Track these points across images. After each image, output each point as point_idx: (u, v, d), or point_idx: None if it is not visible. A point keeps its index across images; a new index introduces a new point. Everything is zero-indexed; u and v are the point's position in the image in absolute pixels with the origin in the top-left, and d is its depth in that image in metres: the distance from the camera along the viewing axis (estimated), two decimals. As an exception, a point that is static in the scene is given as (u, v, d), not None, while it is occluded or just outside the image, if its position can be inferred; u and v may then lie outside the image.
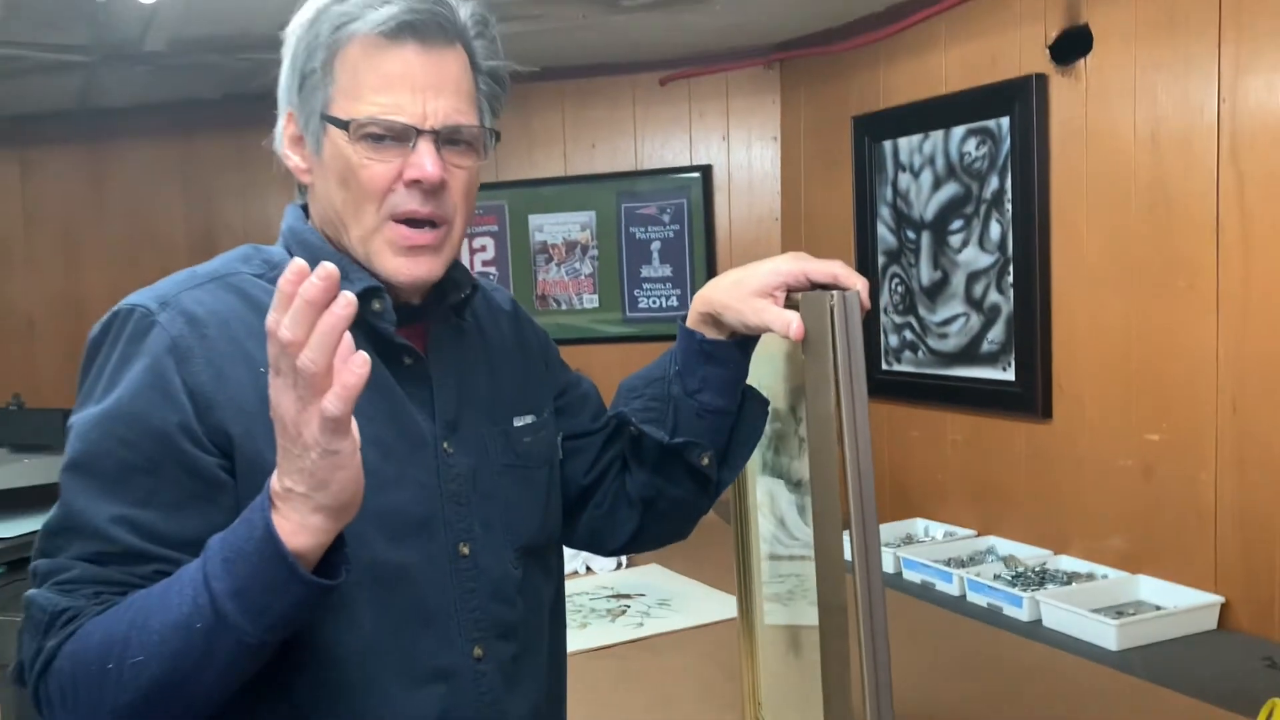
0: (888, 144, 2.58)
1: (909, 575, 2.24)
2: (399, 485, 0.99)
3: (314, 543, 0.82)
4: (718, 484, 1.19)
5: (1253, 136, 1.81)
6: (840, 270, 1.08)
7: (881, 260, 2.63)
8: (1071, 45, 2.11)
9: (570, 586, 2.22)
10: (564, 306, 3.23)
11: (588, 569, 2.36)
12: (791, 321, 1.06)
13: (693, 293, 3.07)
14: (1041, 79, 2.17)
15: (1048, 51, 2.16)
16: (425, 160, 0.97)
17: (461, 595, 1.02)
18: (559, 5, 2.41)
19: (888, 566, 2.29)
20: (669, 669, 1.82)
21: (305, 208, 1.08)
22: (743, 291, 1.10)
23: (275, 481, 0.82)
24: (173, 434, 0.91)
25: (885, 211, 2.61)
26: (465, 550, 1.03)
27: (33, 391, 3.15)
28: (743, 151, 3.10)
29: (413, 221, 0.99)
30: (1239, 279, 1.84)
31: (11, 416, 2.70)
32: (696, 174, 3.11)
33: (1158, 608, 1.93)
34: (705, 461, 1.16)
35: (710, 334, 1.15)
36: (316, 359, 0.75)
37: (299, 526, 0.81)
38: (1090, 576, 2.08)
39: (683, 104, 3.12)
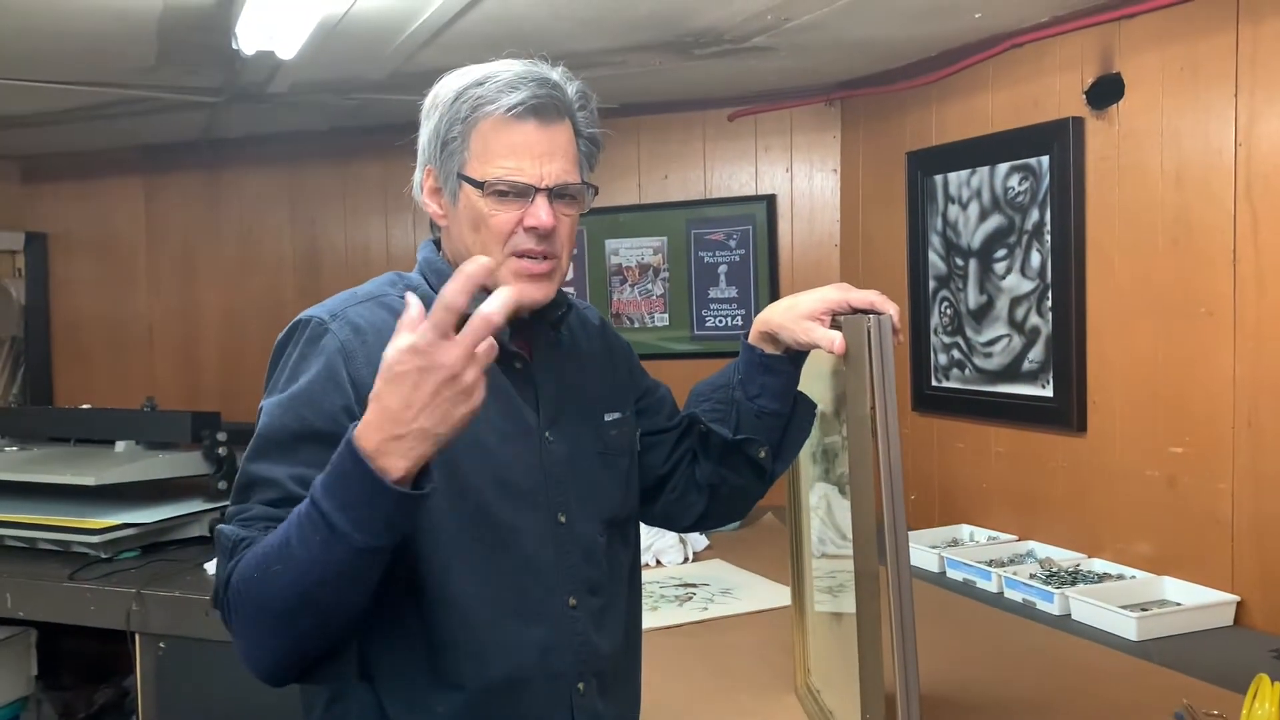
0: (939, 178, 2.79)
1: (952, 574, 2.44)
2: (511, 463, 1.25)
3: (412, 467, 0.99)
4: (772, 474, 1.44)
5: (1266, 178, 1.99)
6: (877, 298, 1.32)
7: (932, 285, 2.84)
8: (1105, 91, 2.31)
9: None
10: (636, 325, 3.48)
11: (658, 562, 2.60)
12: (835, 340, 1.31)
13: (756, 312, 3.31)
14: (1078, 121, 2.37)
15: (1084, 96, 2.36)
16: (541, 212, 1.22)
17: (560, 555, 1.28)
18: (639, 53, 2.67)
19: (933, 566, 2.49)
20: (730, 644, 2.05)
21: (437, 242, 1.34)
22: (795, 314, 1.35)
23: (389, 429, 0.97)
24: (339, 413, 1.15)
25: (936, 240, 2.82)
26: (562, 519, 1.28)
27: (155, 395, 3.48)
28: (805, 182, 3.31)
29: (530, 255, 1.24)
30: (1254, 307, 2.02)
31: (146, 418, 3.01)
32: (761, 202, 3.34)
33: (1178, 605, 2.11)
34: (762, 455, 1.40)
35: (769, 349, 1.40)
36: (492, 316, 0.98)
37: (412, 451, 0.98)
38: (1119, 577, 2.26)
39: (749, 138, 3.36)
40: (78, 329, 4.06)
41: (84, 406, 3.31)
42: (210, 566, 2.59)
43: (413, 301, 1.00)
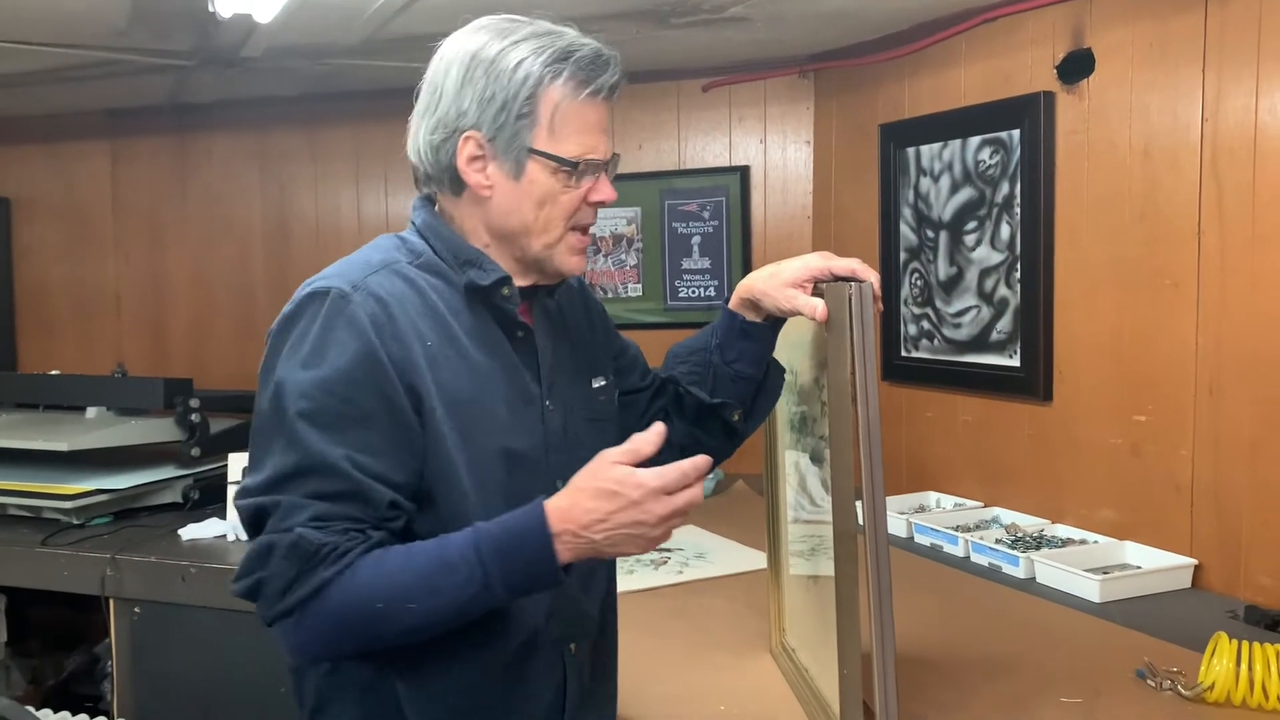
0: (911, 150, 2.83)
1: (920, 539, 2.50)
2: (518, 434, 1.25)
3: (572, 561, 1.13)
4: (742, 435, 1.50)
5: (1231, 153, 2.04)
6: (858, 266, 1.36)
7: (903, 256, 2.88)
8: (1076, 66, 2.35)
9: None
10: (610, 295, 3.49)
11: (632, 528, 2.63)
12: (818, 307, 1.34)
13: (730, 284, 3.36)
14: (1049, 96, 2.41)
15: (1055, 71, 2.40)
16: (609, 187, 1.27)
17: None
18: (615, 21, 2.67)
19: (902, 532, 2.55)
20: (706, 607, 2.09)
21: (428, 199, 1.30)
22: (778, 282, 1.39)
23: (575, 526, 1.11)
24: (383, 393, 1.14)
25: (907, 212, 2.86)
26: (559, 485, 1.27)
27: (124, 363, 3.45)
28: (778, 153, 3.34)
29: (585, 229, 1.28)
30: (1216, 279, 2.08)
31: (116, 384, 2.99)
32: (735, 174, 3.36)
33: (1139, 568, 2.18)
34: (736, 418, 1.46)
35: (750, 316, 1.44)
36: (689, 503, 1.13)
37: (578, 552, 1.12)
38: (1082, 542, 2.32)
39: (723, 109, 3.37)
40: (42, 296, 4.01)
41: (53, 373, 3.28)
42: (186, 533, 2.59)
43: (655, 432, 1.14)
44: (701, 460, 1.13)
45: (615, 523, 1.11)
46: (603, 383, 1.41)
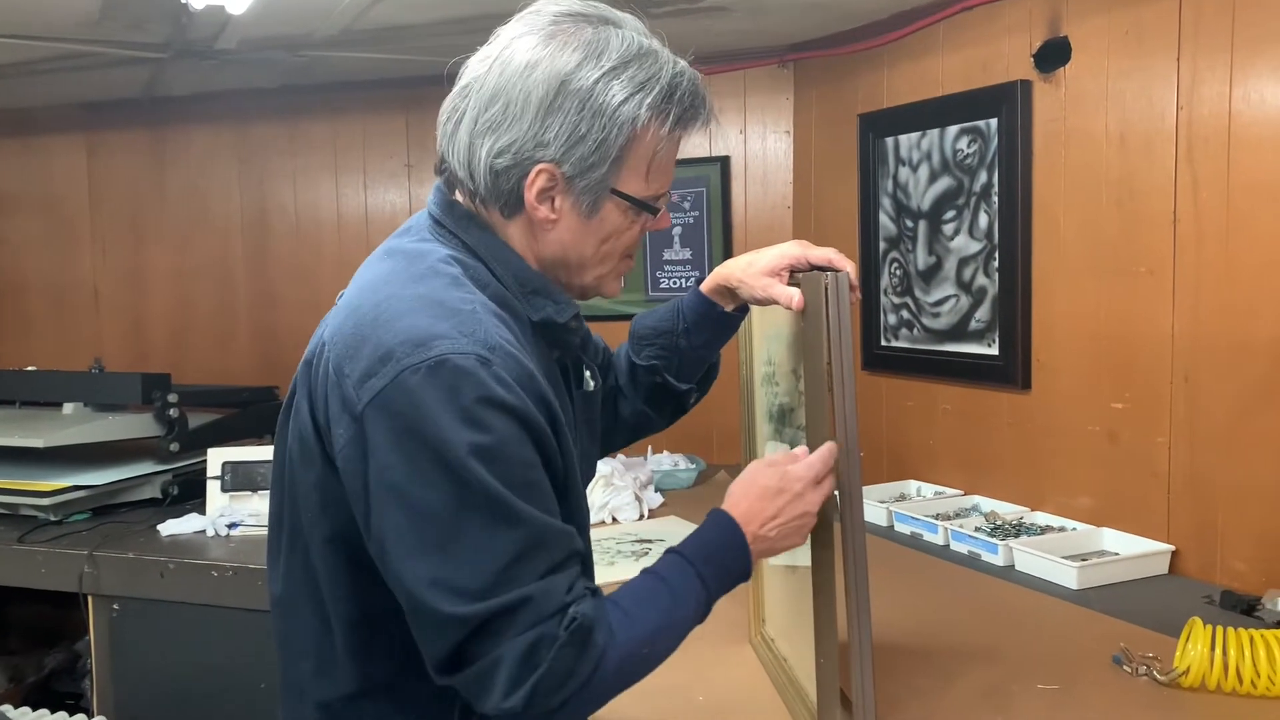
0: (889, 140, 2.83)
1: (900, 527, 2.51)
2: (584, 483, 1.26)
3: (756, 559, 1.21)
4: (685, 412, 1.53)
5: (1206, 140, 2.05)
6: (834, 255, 1.35)
7: (882, 246, 2.89)
8: (1053, 55, 2.35)
9: (599, 533, 2.50)
10: (590, 285, 3.48)
11: (614, 519, 2.63)
12: (794, 296, 1.34)
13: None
14: (1026, 84, 2.42)
15: (1032, 60, 2.40)
16: (668, 215, 1.25)
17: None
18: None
19: (882, 520, 2.56)
20: (686, 599, 2.08)
21: (471, 214, 1.18)
22: (754, 271, 1.38)
23: (755, 527, 1.20)
24: (544, 447, 1.06)
25: (886, 201, 2.86)
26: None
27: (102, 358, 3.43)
28: (758, 144, 3.34)
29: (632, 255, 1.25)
30: (1193, 266, 2.09)
31: (94, 379, 2.97)
32: (715, 164, 3.35)
33: (1116, 555, 2.19)
34: (692, 400, 1.50)
35: (724, 304, 1.44)
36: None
37: (759, 551, 1.21)
38: (1060, 529, 2.33)
39: (703, 99, 3.36)
40: (19, 291, 3.97)
41: (29, 369, 3.25)
42: (165, 528, 2.58)
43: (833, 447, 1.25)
44: (832, 445, 1.26)
45: (786, 517, 1.21)
46: (593, 386, 1.38)
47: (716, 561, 1.16)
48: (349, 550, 1.10)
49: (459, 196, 1.19)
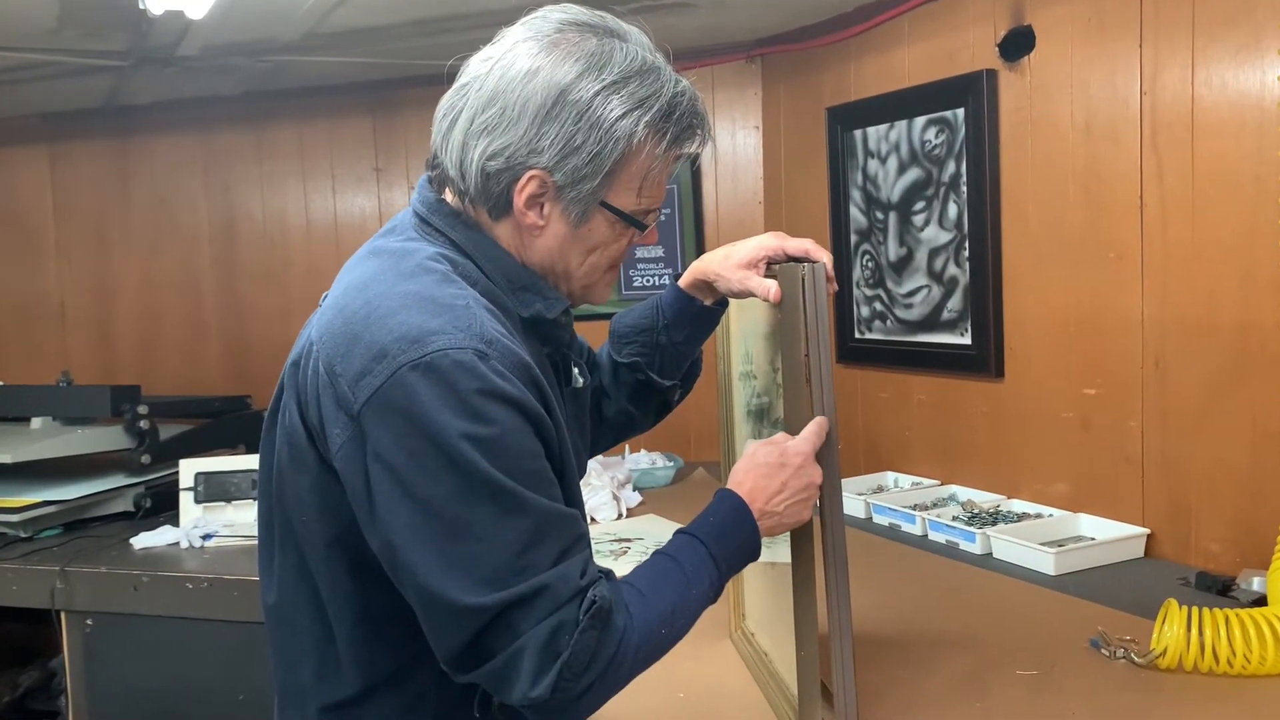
0: (858, 133, 2.83)
1: (878, 519, 2.51)
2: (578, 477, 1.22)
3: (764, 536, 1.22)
4: (670, 410, 1.53)
5: (1169, 126, 2.06)
6: (811, 246, 1.35)
7: (853, 239, 2.89)
8: (1017, 44, 2.36)
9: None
10: (563, 285, 3.47)
11: (592, 519, 2.62)
12: (771, 287, 1.34)
13: (683, 271, 3.32)
14: (992, 74, 2.43)
15: (997, 49, 2.41)
16: (655, 231, 1.26)
17: None
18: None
19: (860, 512, 2.56)
20: (666, 596, 2.08)
21: (457, 212, 1.17)
22: (731, 263, 1.38)
23: (762, 503, 1.21)
24: (543, 436, 1.07)
25: (856, 194, 2.87)
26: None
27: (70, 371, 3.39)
28: (727, 140, 3.34)
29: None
30: (1159, 251, 2.10)
31: (62, 393, 2.93)
32: (685, 161, 3.34)
33: (1093, 540, 2.20)
34: (677, 397, 1.50)
35: (702, 298, 1.44)
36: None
37: (766, 527, 1.21)
38: (1037, 516, 2.34)
39: (671, 96, 3.35)
40: (-17, 306, 3.92)
41: (-5, 384, 3.20)
42: (139, 541, 2.54)
43: (824, 421, 1.27)
44: (823, 419, 1.27)
45: (791, 490, 1.21)
46: (582, 383, 1.36)
47: (727, 540, 1.17)
48: (351, 552, 1.09)
49: (447, 195, 1.19)
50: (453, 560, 0.99)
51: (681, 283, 1.45)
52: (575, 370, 1.29)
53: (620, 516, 2.65)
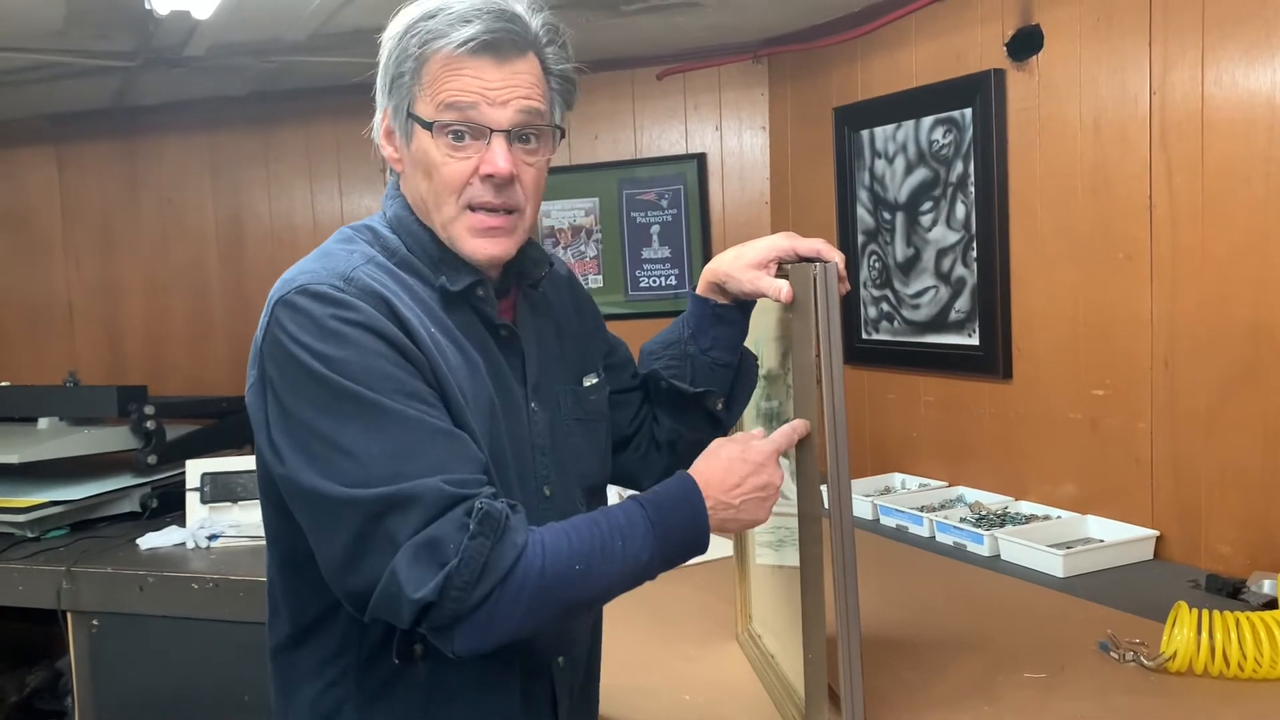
0: (865, 133, 2.82)
1: (885, 520, 2.50)
2: (504, 441, 1.19)
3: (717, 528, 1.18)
4: (726, 425, 1.46)
5: (1179, 125, 2.05)
6: (823, 246, 1.34)
7: (861, 239, 2.88)
8: (1025, 43, 2.35)
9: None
10: (570, 286, 3.46)
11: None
12: (782, 288, 1.33)
13: (690, 272, 3.34)
14: (1000, 74, 2.42)
15: (1005, 49, 2.40)
16: (498, 157, 1.14)
17: None
18: (565, 10, 2.64)
19: (867, 514, 2.55)
20: (672, 596, 2.07)
21: (397, 181, 1.24)
22: (742, 264, 1.37)
23: (717, 491, 1.17)
24: (418, 370, 1.11)
25: (863, 194, 2.86)
26: (547, 492, 1.25)
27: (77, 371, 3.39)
28: (734, 140, 3.33)
29: (487, 208, 1.17)
30: (1169, 251, 2.09)
31: (68, 393, 2.93)
32: (692, 161, 3.34)
33: (1101, 542, 2.19)
34: (719, 406, 1.43)
35: (718, 300, 1.41)
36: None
37: (719, 519, 1.18)
38: (1045, 518, 2.33)
39: (678, 96, 3.36)
40: (-8, 306, 3.93)
41: (2, 384, 3.21)
42: (145, 542, 2.54)
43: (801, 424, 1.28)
44: (801, 423, 1.26)
45: (749, 486, 1.19)
46: (594, 381, 1.36)
47: (667, 511, 1.13)
48: (274, 494, 1.15)
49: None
50: (329, 469, 1.04)
51: (697, 288, 1.43)
52: (499, 327, 1.23)
53: (626, 517, 2.64)
